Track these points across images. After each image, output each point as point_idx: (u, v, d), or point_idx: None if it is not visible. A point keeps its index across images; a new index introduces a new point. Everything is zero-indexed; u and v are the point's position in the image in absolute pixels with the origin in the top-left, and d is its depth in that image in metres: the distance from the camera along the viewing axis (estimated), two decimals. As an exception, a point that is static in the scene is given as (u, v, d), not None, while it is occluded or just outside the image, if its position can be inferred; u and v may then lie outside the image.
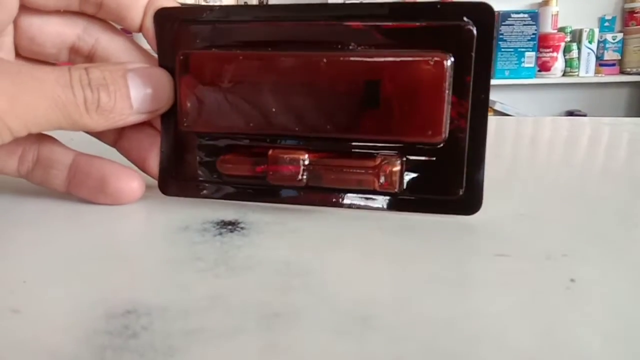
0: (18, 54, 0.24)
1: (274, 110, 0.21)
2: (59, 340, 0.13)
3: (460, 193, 0.21)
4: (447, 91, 0.20)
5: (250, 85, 0.22)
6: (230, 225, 0.21)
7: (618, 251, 0.19)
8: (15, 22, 0.23)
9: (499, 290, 0.16)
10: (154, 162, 0.24)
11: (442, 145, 0.21)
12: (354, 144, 0.22)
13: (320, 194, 0.22)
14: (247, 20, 0.23)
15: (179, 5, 0.23)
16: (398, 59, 0.20)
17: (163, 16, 0.23)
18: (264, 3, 1.89)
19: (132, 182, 0.24)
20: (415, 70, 0.20)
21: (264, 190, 0.23)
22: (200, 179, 0.24)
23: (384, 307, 0.15)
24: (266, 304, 0.15)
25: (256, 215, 0.22)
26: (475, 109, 0.20)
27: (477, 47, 0.20)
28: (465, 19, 0.20)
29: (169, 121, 0.24)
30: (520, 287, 0.16)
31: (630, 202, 0.24)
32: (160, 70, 0.23)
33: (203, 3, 1.67)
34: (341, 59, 0.21)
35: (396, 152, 0.21)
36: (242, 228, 0.21)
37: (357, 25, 0.21)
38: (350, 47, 0.21)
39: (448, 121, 0.20)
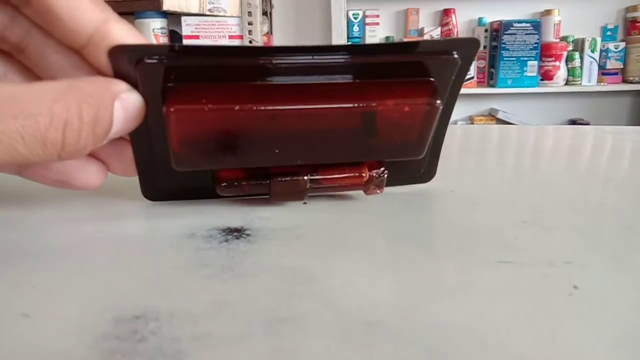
0: None
1: (277, 151, 0.22)
2: (69, 345, 0.13)
3: (422, 171, 0.27)
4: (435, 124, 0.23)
5: (245, 132, 0.21)
6: (236, 232, 0.21)
7: (620, 259, 0.19)
8: None
9: (503, 297, 0.16)
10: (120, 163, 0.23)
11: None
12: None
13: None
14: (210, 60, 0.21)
15: (134, 42, 0.21)
16: (395, 101, 0.22)
17: (120, 54, 0.19)
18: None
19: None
20: (413, 111, 0.22)
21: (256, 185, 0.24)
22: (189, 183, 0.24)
23: (389, 313, 0.15)
24: (272, 310, 0.15)
25: (262, 222, 0.22)
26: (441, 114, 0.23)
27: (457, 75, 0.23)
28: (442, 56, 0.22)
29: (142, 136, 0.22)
30: (524, 293, 0.16)
31: (632, 210, 0.24)
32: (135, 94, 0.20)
33: (207, 12, 1.68)
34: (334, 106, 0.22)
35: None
36: (248, 235, 0.21)
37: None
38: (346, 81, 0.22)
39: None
